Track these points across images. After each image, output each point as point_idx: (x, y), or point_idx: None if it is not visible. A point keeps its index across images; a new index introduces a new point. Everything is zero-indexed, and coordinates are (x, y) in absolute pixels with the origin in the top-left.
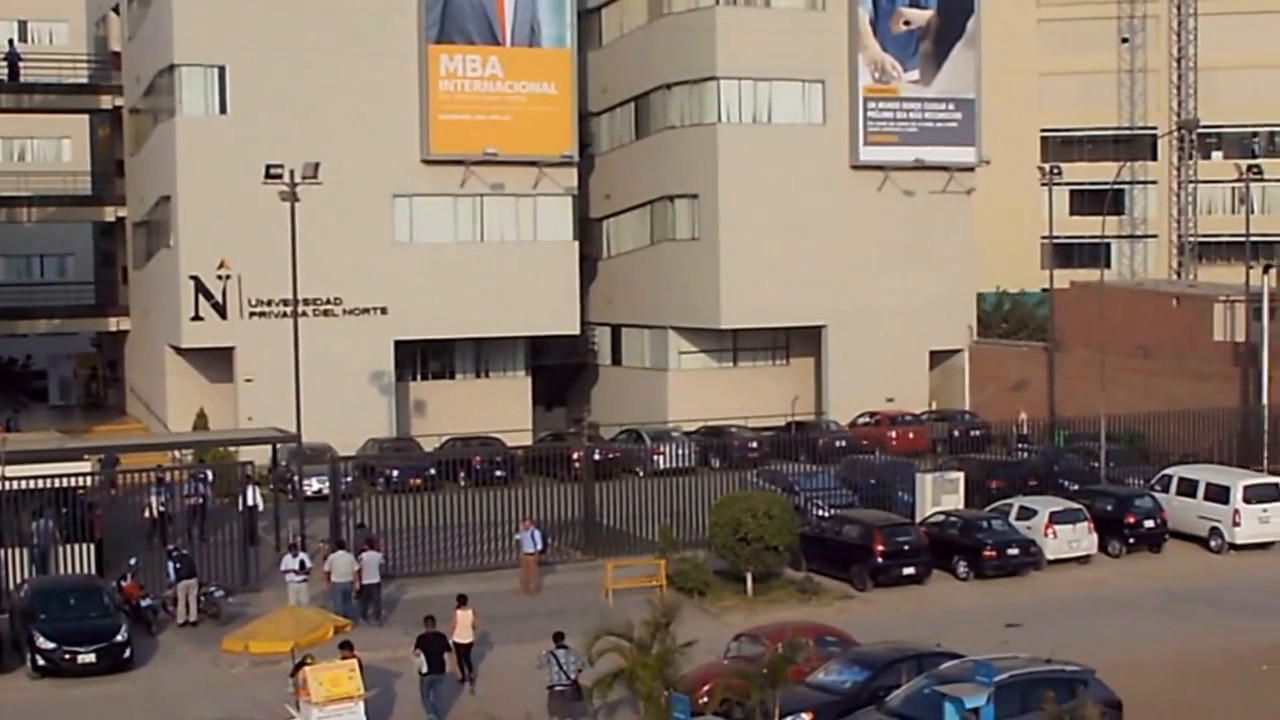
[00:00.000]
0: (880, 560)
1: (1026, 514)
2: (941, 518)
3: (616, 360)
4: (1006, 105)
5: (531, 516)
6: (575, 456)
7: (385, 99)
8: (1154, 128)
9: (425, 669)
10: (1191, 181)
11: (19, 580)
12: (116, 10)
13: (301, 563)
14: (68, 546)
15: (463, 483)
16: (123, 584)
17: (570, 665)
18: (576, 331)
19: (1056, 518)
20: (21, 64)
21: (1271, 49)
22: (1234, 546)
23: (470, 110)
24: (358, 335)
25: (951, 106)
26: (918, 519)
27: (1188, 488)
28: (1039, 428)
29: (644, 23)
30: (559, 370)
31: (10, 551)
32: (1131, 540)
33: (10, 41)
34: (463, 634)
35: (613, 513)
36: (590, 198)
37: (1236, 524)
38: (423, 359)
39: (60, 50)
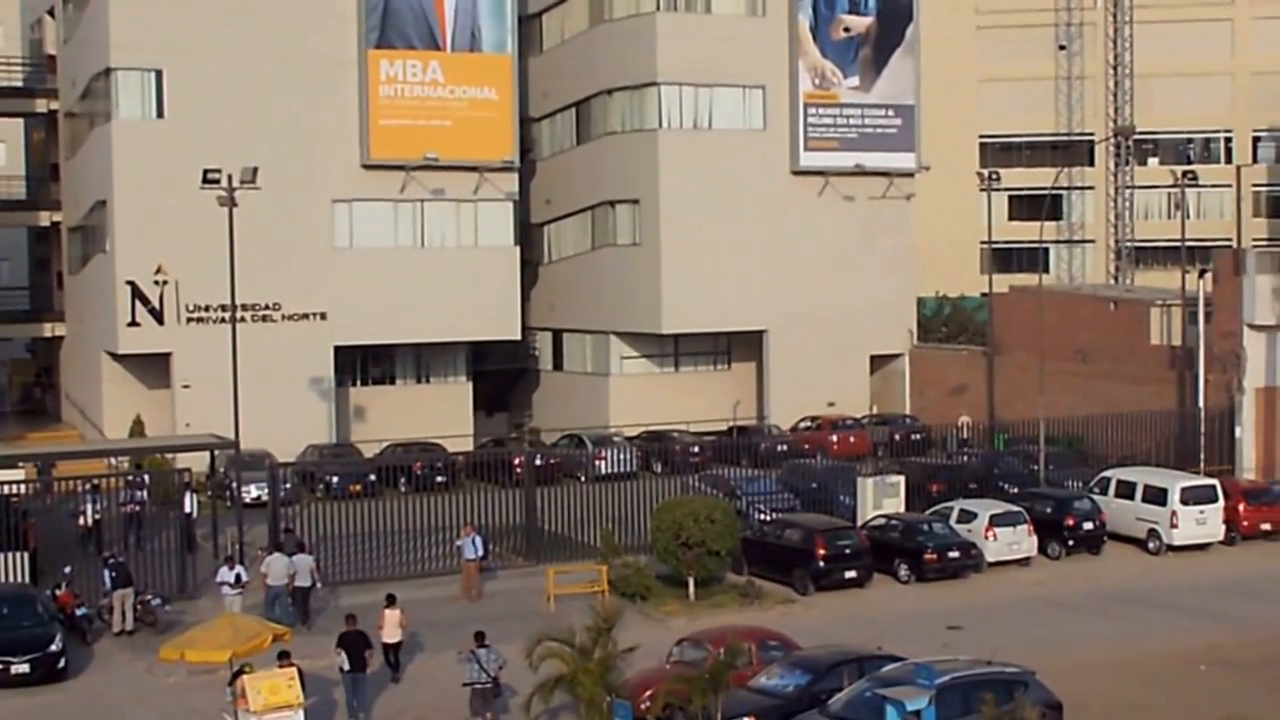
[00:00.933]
0: (822, 564)
1: (967, 517)
2: (883, 521)
3: (558, 365)
4: (946, 111)
5: (473, 522)
6: (517, 462)
7: (325, 104)
8: (1091, 134)
9: (346, 666)
10: (1128, 187)
11: None
12: (52, 13)
13: (237, 575)
14: (2, 555)
15: (403, 489)
16: (57, 593)
17: (490, 664)
18: (518, 337)
19: (996, 520)
20: None
21: (1206, 56)
22: (1172, 548)
23: (411, 115)
24: (297, 341)
25: (891, 112)
26: (859, 523)
27: (1126, 490)
28: (979, 431)
29: (585, 28)
30: (500, 375)
31: None
32: (1071, 542)
33: None
34: (391, 633)
35: (554, 518)
36: (531, 203)
37: (1174, 525)
38: (363, 364)
39: None
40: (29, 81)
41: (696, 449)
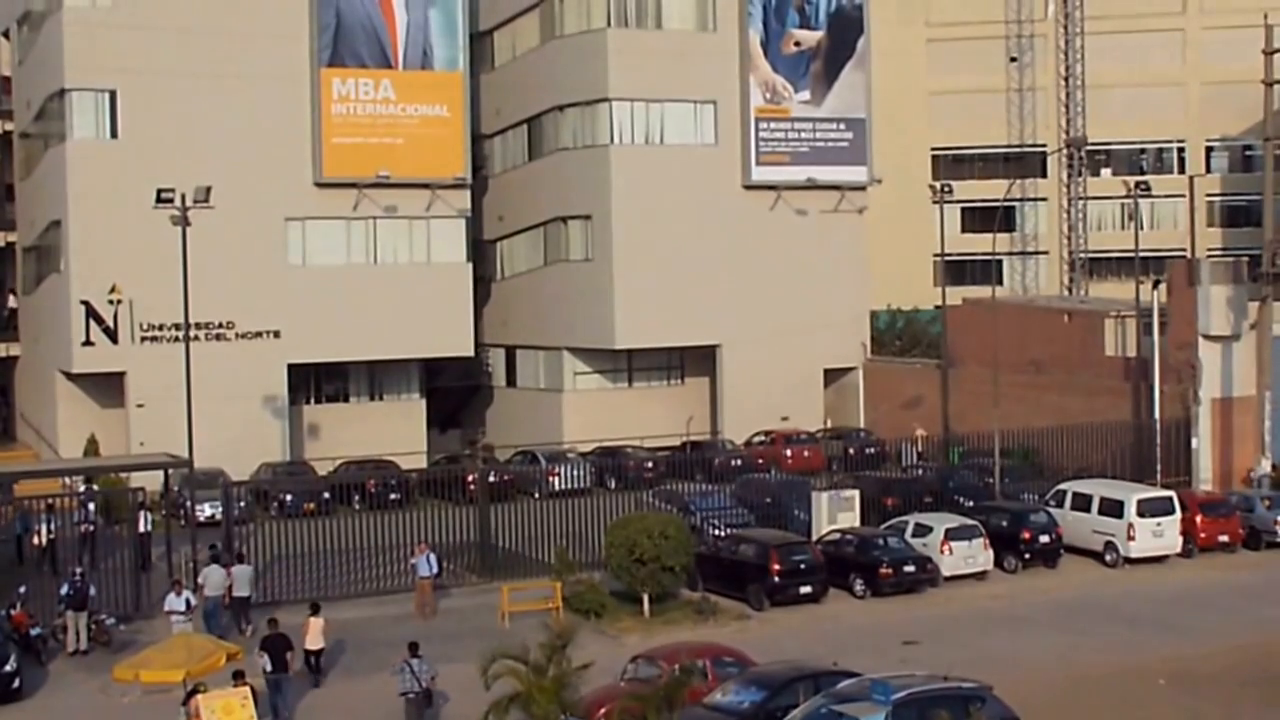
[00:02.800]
0: (777, 579)
1: (922, 531)
2: (838, 536)
3: (511, 382)
4: (897, 124)
5: (427, 540)
6: (470, 479)
7: (278, 122)
8: (1043, 145)
9: (269, 668)
10: (1081, 198)
11: None
12: (6, 35)
13: (187, 601)
14: None
15: (357, 506)
16: (11, 613)
17: (423, 674)
18: (471, 353)
19: (952, 534)
20: None
21: (1158, 66)
22: (1129, 560)
23: (363, 133)
24: (250, 359)
25: (842, 126)
26: (814, 537)
27: (1082, 502)
28: (933, 444)
29: (536, 45)
30: (453, 392)
31: None
32: (1027, 556)
33: None
34: (314, 640)
35: (508, 535)
36: (484, 219)
37: (1131, 538)
38: (316, 382)
39: None
40: None
41: (650, 464)
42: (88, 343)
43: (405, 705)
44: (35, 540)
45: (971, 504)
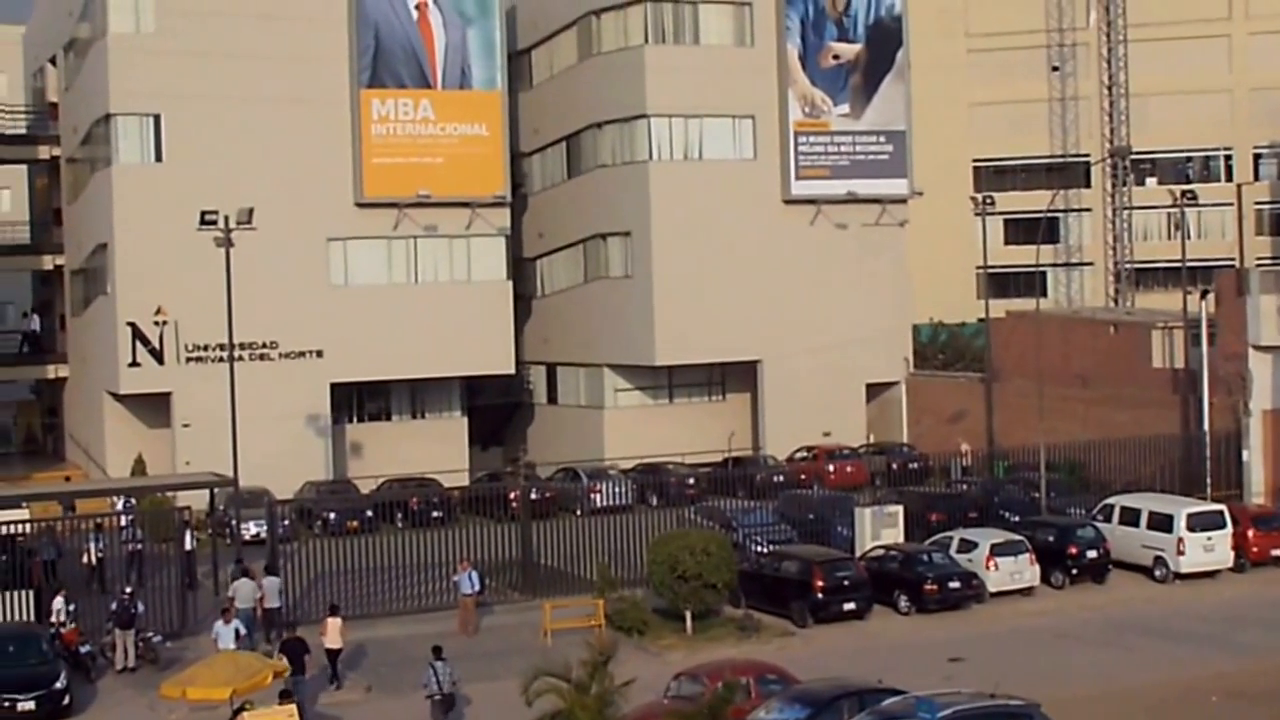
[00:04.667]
0: (820, 596)
1: (967, 546)
2: (881, 552)
3: (552, 399)
4: (938, 136)
5: (469, 558)
6: (512, 496)
7: (319, 144)
8: (1087, 155)
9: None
10: (1126, 208)
11: None
12: (54, 62)
13: (236, 631)
14: (7, 594)
15: (400, 524)
16: (62, 630)
17: (445, 677)
18: (512, 371)
19: (998, 550)
20: None
21: (1203, 73)
22: (1179, 576)
23: (403, 153)
24: (294, 379)
25: (883, 139)
26: (857, 554)
27: (1130, 517)
28: (978, 459)
29: (574, 63)
30: (495, 410)
31: None
32: (1074, 571)
33: None
34: (333, 640)
35: (550, 552)
36: (524, 237)
37: (1181, 553)
38: (359, 401)
39: None
40: (32, 129)
41: (692, 481)
42: (134, 364)
43: (430, 706)
44: (84, 559)
45: (1017, 519)
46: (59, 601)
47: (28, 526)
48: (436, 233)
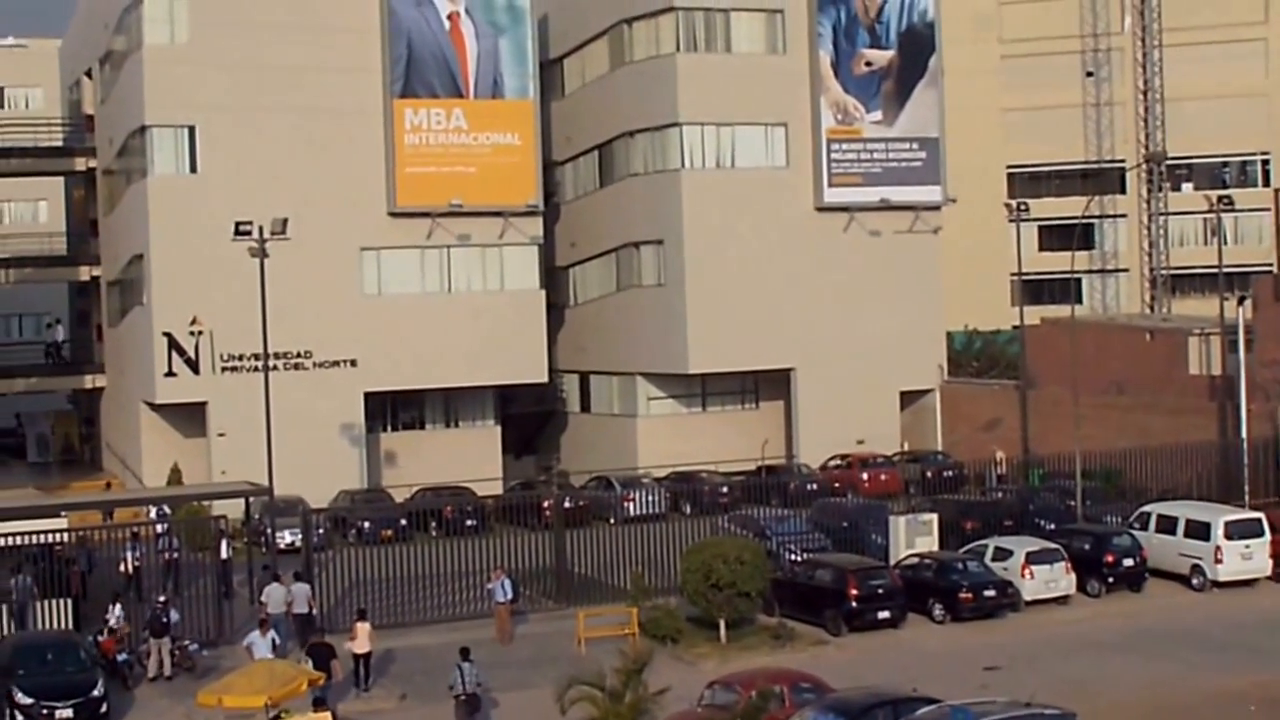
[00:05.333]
0: (854, 604)
1: (1002, 555)
2: (916, 560)
3: (585, 407)
4: (971, 143)
5: (503, 566)
6: (546, 505)
7: (352, 154)
8: (1122, 161)
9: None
10: (1162, 214)
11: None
12: (89, 75)
13: (273, 642)
14: (46, 602)
15: (434, 533)
16: (100, 639)
17: (471, 678)
18: (545, 380)
19: (1033, 558)
20: None
21: (1239, 78)
22: (1216, 584)
23: (436, 163)
24: (328, 388)
25: (915, 146)
26: (891, 562)
27: (1167, 525)
28: (1013, 466)
29: (605, 71)
30: (528, 419)
31: None
32: (1111, 579)
33: None
34: (361, 644)
35: (584, 561)
36: (556, 246)
37: (1219, 561)
38: (393, 410)
39: (36, 115)
40: (68, 141)
41: (725, 489)
42: (170, 374)
43: (455, 706)
44: (122, 568)
45: (1053, 527)
46: (117, 609)
47: (66, 536)
48: (469, 242)
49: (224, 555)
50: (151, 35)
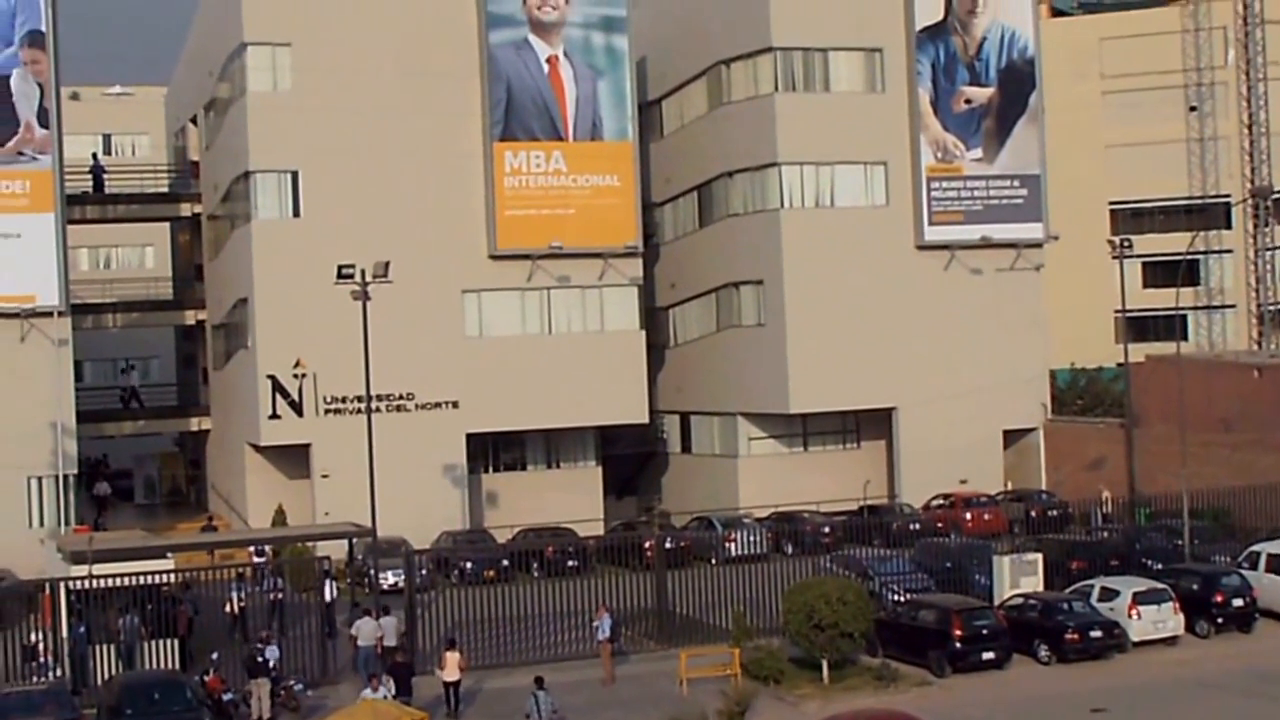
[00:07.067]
0: (959, 645)
1: (1109, 595)
2: (1021, 600)
3: (686, 448)
4: (1073, 179)
5: (606, 605)
6: (647, 545)
7: (453, 197)
8: (1227, 196)
9: (394, 692)
10: (1269, 249)
11: (106, 676)
12: (194, 121)
13: (385, 697)
14: (153, 642)
15: (536, 573)
16: (205, 678)
17: (546, 706)
18: (646, 420)
19: (1140, 598)
20: (105, 176)
21: None
22: None
23: (536, 205)
24: (430, 429)
25: (1017, 183)
26: (996, 602)
27: (1277, 564)
28: (1119, 505)
29: (704, 112)
30: (629, 459)
31: (99, 647)
32: (1220, 620)
33: (94, 155)
34: (450, 672)
35: (686, 601)
36: (656, 287)
37: None
38: (494, 451)
39: (142, 161)
40: (174, 187)
41: (827, 529)
42: (274, 416)
43: None
44: (228, 608)
45: (1160, 567)
46: (273, 650)
47: (172, 576)
48: (569, 283)
49: (328, 596)
50: (255, 82)
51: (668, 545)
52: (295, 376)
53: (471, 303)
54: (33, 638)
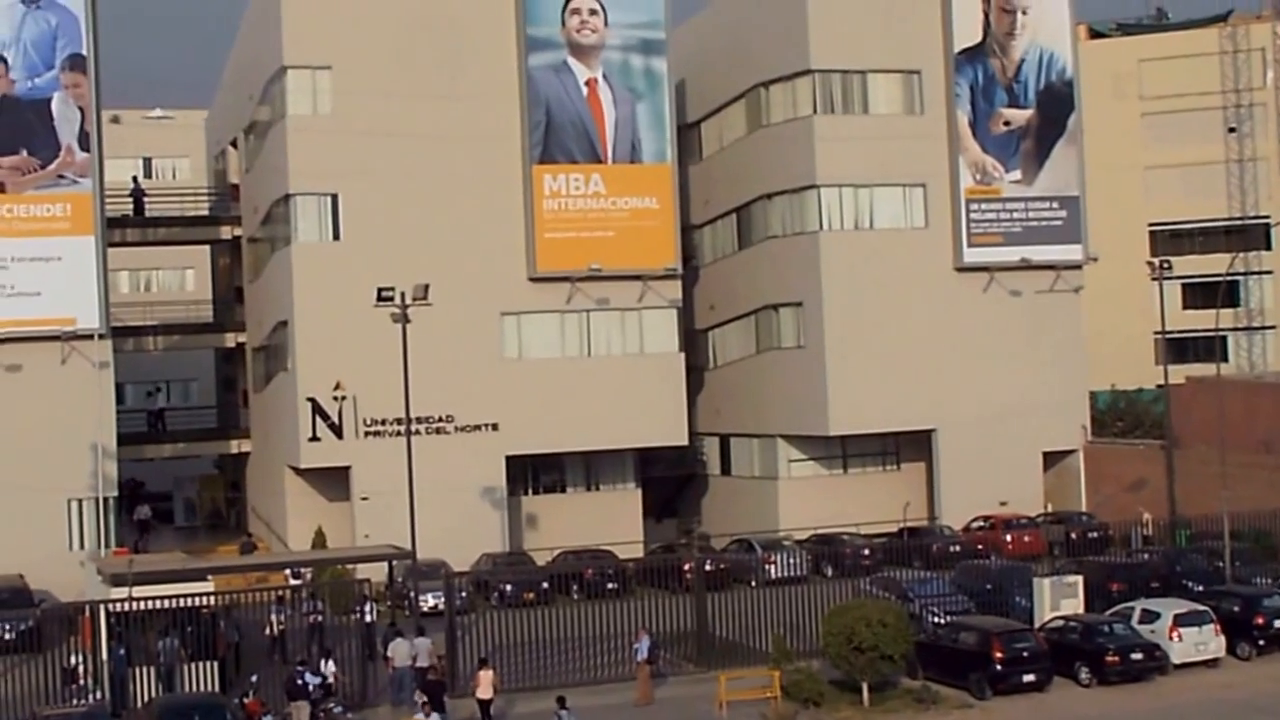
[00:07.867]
0: (999, 667)
1: (1149, 617)
2: (1061, 622)
3: (726, 470)
4: (1112, 200)
5: (646, 627)
6: (687, 568)
7: (492, 219)
8: (1267, 217)
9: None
10: None
11: (146, 698)
12: (234, 144)
13: None
14: (193, 664)
15: (575, 596)
16: (245, 701)
17: None
18: (685, 442)
19: (1181, 620)
20: (146, 199)
21: None
22: None
23: (575, 227)
24: (470, 452)
25: (1056, 204)
26: (1036, 624)
27: None
28: (1159, 528)
29: (743, 134)
30: (669, 481)
31: (138, 670)
32: (1262, 642)
33: (135, 179)
34: (484, 690)
35: (725, 624)
36: (695, 309)
37: None
38: (534, 473)
39: (182, 184)
40: (214, 209)
41: (867, 551)
42: (314, 438)
43: None
44: (267, 630)
45: (1201, 589)
46: (331, 666)
47: (212, 599)
48: (609, 306)
49: (368, 618)
50: (295, 106)
51: (707, 567)
52: (335, 399)
53: (511, 325)
54: (72, 660)
